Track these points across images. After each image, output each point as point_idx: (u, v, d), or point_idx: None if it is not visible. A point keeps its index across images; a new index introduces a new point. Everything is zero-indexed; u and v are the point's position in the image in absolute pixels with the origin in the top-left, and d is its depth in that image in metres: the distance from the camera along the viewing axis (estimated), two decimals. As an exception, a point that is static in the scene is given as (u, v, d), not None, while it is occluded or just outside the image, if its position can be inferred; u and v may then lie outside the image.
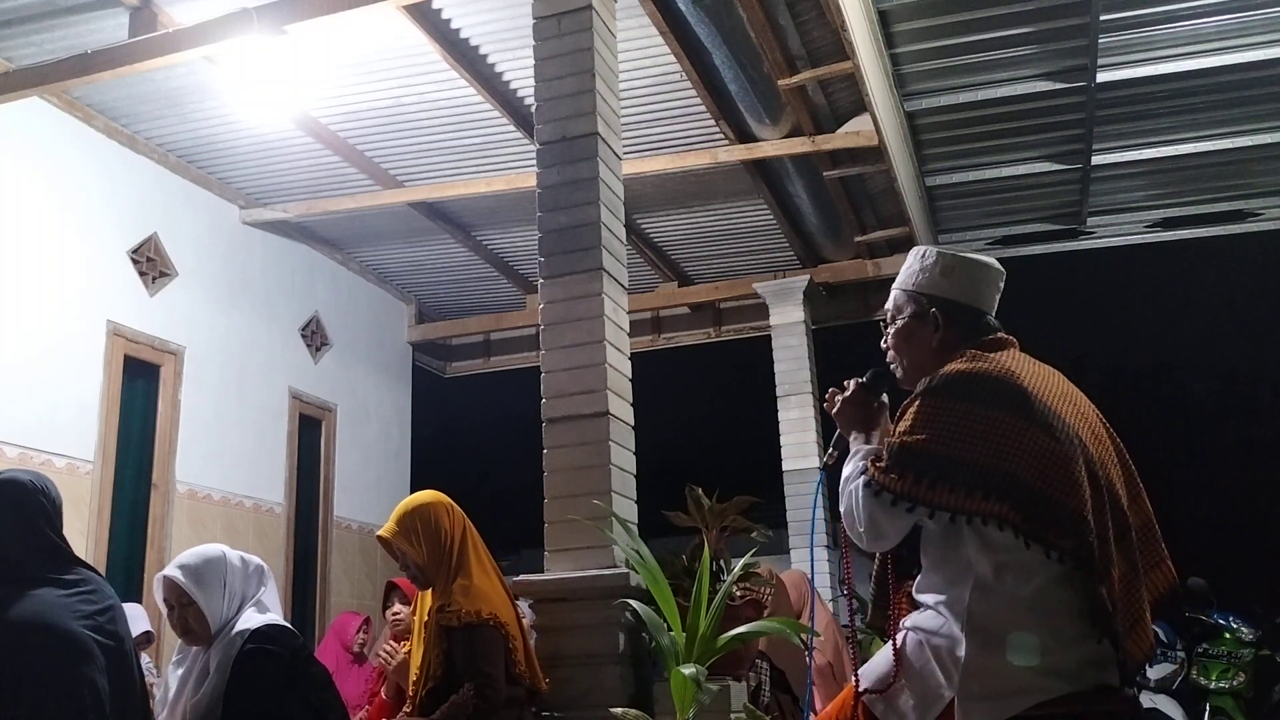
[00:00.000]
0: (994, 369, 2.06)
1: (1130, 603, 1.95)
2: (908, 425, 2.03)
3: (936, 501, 1.95)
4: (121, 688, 2.52)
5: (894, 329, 2.29)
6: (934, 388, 2.06)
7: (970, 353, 2.12)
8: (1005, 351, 2.15)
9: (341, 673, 5.34)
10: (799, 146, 6.31)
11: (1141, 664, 1.99)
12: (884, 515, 2.01)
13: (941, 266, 2.24)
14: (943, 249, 2.28)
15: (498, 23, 5.32)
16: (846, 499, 2.09)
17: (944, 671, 2.00)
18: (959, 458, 1.95)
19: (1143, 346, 21.30)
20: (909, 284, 2.28)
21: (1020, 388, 2.01)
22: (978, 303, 2.24)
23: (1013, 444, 1.94)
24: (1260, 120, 6.53)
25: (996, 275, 2.28)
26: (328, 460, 7.97)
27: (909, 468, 1.98)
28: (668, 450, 16.91)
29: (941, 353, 2.18)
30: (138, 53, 4.82)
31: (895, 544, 2.10)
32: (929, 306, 2.23)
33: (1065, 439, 1.97)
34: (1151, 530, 2.10)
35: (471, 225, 7.90)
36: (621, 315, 4.01)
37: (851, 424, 2.24)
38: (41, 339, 5.70)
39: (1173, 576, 2.11)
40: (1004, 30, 5.51)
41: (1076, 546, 1.88)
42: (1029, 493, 1.91)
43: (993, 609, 1.95)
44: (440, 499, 3.39)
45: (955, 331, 2.20)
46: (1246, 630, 6.53)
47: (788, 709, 4.09)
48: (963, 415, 1.99)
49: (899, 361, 2.29)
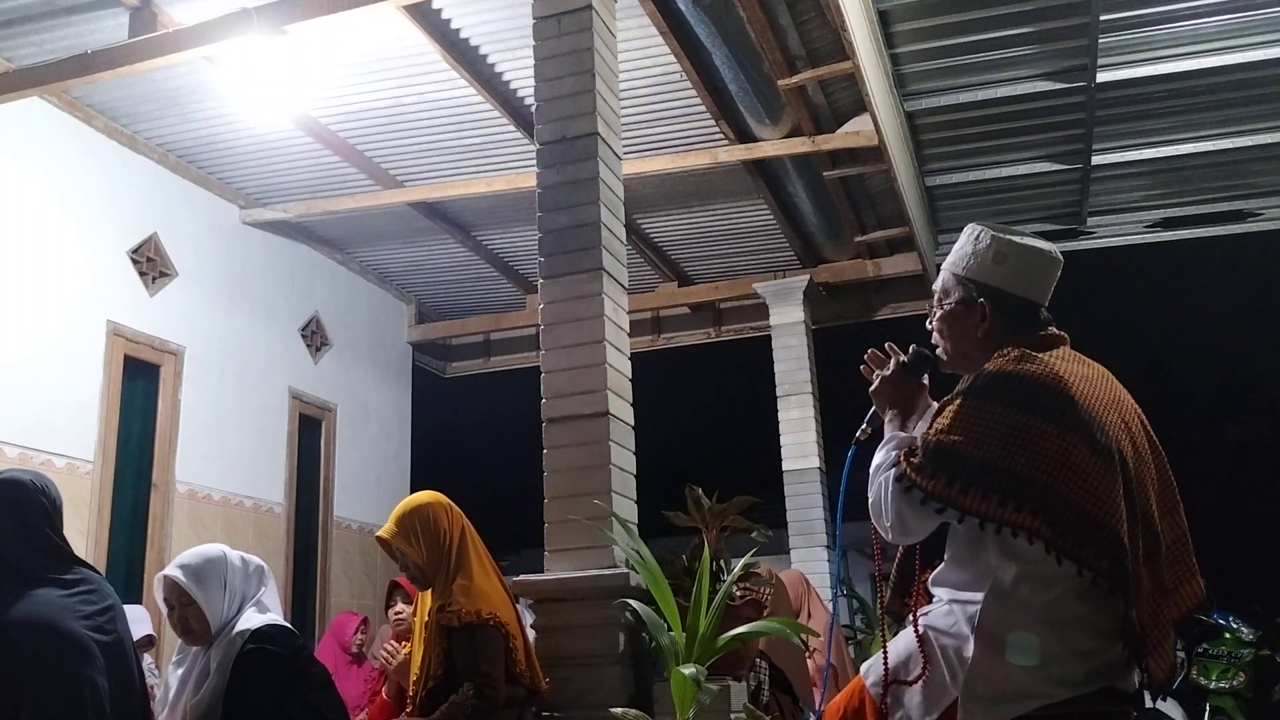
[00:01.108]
0: (1041, 372, 1.97)
1: (1155, 623, 1.93)
2: (946, 424, 1.97)
3: (968, 506, 1.90)
4: (121, 688, 2.52)
5: (940, 312, 2.19)
6: (977, 387, 1.99)
7: (1020, 351, 2.02)
8: (1055, 351, 2.06)
9: (340, 673, 5.34)
10: (799, 146, 6.31)
11: (1165, 684, 1.95)
12: (912, 512, 1.96)
13: (995, 252, 2.12)
14: (997, 231, 2.14)
15: (498, 23, 5.32)
16: (876, 490, 2.03)
17: (950, 670, 1.99)
18: (995, 464, 1.89)
19: (1142, 346, 21.30)
20: (959, 267, 2.17)
21: (1067, 394, 1.94)
22: (1030, 294, 2.12)
23: (1052, 455, 1.88)
24: (1260, 120, 6.53)
25: (1053, 263, 2.15)
26: (328, 460, 7.97)
27: (942, 468, 1.92)
28: (668, 450, 16.88)
29: (987, 343, 2.10)
30: (138, 53, 4.82)
31: (921, 539, 2.06)
32: (977, 295, 2.12)
33: (1107, 453, 1.90)
34: (1184, 545, 2.05)
35: (471, 225, 7.90)
36: (621, 315, 4.00)
37: (889, 403, 2.18)
38: (41, 339, 5.70)
39: (1200, 591, 2.05)
40: (1004, 30, 5.52)
41: (1113, 568, 1.84)
42: (1065, 508, 1.86)
43: (1006, 615, 1.93)
44: (439, 499, 3.39)
45: (1003, 323, 2.10)
46: (1246, 630, 6.52)
47: (788, 709, 4.09)
48: (1003, 420, 1.92)
49: (943, 345, 2.20)
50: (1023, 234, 2.17)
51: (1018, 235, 2.15)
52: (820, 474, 7.84)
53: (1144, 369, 20.71)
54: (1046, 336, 2.10)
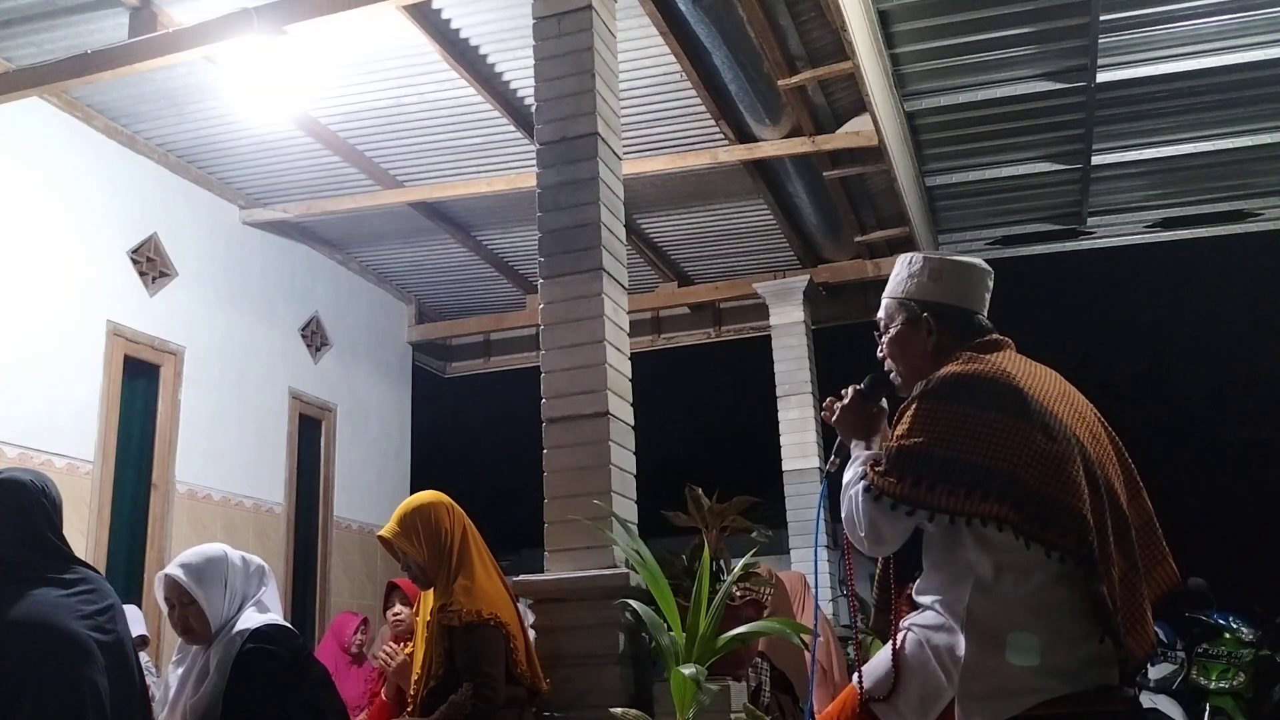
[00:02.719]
0: (989, 370, 2.07)
1: (1131, 601, 1.95)
2: (905, 429, 2.04)
3: (935, 504, 1.95)
4: (121, 687, 2.52)
5: (888, 337, 2.30)
6: (930, 390, 2.07)
7: (966, 355, 2.13)
8: (1001, 353, 2.16)
9: (340, 673, 5.35)
10: (799, 146, 6.31)
11: (1143, 662, 1.99)
12: (884, 519, 2.01)
13: (929, 271, 2.26)
14: (928, 254, 2.31)
15: (498, 23, 5.32)
16: (847, 504, 2.10)
17: (944, 670, 2.00)
18: (956, 459, 1.95)
19: (1143, 346, 21.32)
20: (899, 291, 2.30)
21: (1016, 388, 2.02)
22: (968, 304, 2.25)
23: (1010, 444, 1.95)
24: (1260, 120, 6.53)
25: (984, 274, 2.30)
26: (328, 460, 7.98)
27: (907, 471, 1.98)
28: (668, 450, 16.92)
29: (937, 356, 2.19)
30: (138, 53, 4.82)
31: (896, 548, 2.11)
32: (920, 311, 2.24)
33: (1062, 439, 1.97)
34: (1152, 529, 2.11)
35: (471, 225, 7.90)
36: (621, 315, 4.01)
37: (851, 431, 2.26)
38: (41, 339, 5.70)
39: (1174, 574, 2.12)
40: (1004, 30, 5.52)
41: (1077, 545, 1.89)
42: (1027, 492, 1.91)
43: (992, 609, 1.96)
44: (440, 499, 3.39)
45: (949, 334, 2.22)
46: (1246, 630, 6.52)
47: (788, 709, 4.09)
48: (959, 417, 2.00)
49: (896, 369, 2.29)
50: (952, 254, 2.33)
51: (947, 254, 2.34)
52: (820, 474, 7.85)
53: (1144, 369, 20.74)
54: (990, 341, 2.20)
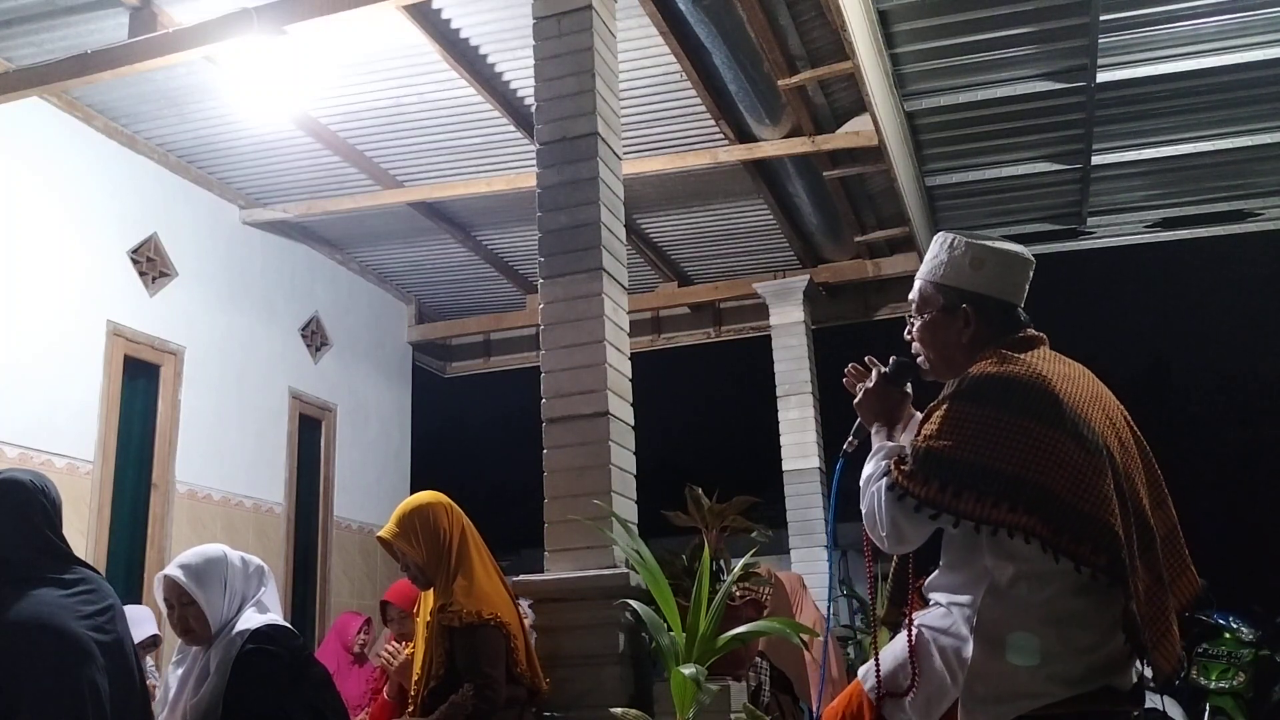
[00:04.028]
0: (1024, 372, 1.99)
1: (1156, 616, 1.94)
2: (934, 430, 1.98)
3: (962, 510, 1.90)
4: (121, 688, 2.52)
5: (920, 322, 2.21)
6: (962, 391, 2.00)
7: (1000, 353, 2.05)
8: (1035, 351, 2.08)
9: (342, 673, 5.34)
10: (799, 146, 6.31)
11: (1171, 677, 1.97)
12: (906, 520, 1.97)
13: (971, 257, 2.15)
14: (971, 238, 2.18)
15: (498, 23, 5.32)
16: (869, 500, 2.04)
17: (949, 671, 1.99)
18: (986, 466, 1.90)
19: (1143, 346, 21.30)
20: (936, 275, 2.19)
21: (1050, 393, 1.96)
22: (1008, 296, 2.16)
23: (1042, 454, 1.90)
24: (1260, 120, 6.53)
25: (1026, 265, 2.19)
26: (328, 460, 7.98)
27: (934, 474, 1.93)
28: (668, 450, 16.90)
29: (971, 348, 2.12)
30: (138, 53, 4.82)
31: (916, 547, 2.07)
32: (959, 302, 2.14)
33: (1095, 449, 1.92)
34: (1175, 538, 2.07)
35: (471, 225, 7.90)
36: (621, 315, 4.00)
37: (873, 414, 2.20)
38: (41, 339, 5.70)
39: (1196, 583, 2.07)
40: (1004, 30, 5.51)
41: (1111, 562, 1.85)
42: (1059, 505, 1.87)
43: (1004, 614, 1.94)
44: (439, 499, 3.39)
45: (986, 327, 2.13)
46: (1246, 630, 6.51)
47: (788, 709, 4.09)
48: (991, 422, 1.93)
49: (925, 355, 2.21)
50: (994, 239, 2.21)
51: (990, 240, 2.19)
52: (820, 474, 7.86)
53: (1144, 369, 20.73)
54: (1027, 337, 2.13)
